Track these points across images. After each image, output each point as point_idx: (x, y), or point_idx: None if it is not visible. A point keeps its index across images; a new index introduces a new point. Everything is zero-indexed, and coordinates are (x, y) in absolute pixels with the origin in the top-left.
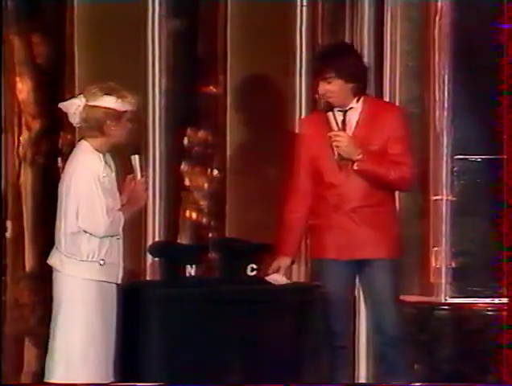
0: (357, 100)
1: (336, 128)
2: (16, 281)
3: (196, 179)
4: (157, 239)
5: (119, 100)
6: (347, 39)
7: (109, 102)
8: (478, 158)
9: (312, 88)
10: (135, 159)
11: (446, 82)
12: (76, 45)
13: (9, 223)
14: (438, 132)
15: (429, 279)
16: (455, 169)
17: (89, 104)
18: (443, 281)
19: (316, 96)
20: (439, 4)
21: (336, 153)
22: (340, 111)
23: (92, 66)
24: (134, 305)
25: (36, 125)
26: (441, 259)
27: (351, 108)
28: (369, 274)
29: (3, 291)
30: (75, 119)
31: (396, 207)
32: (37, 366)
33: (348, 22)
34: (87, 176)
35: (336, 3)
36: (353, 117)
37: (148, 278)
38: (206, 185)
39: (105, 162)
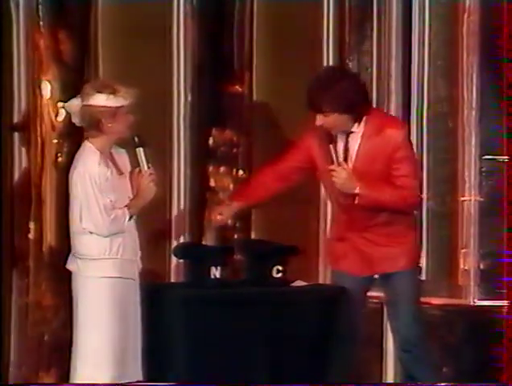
0: (359, 123)
1: (335, 161)
2: (39, 283)
3: (221, 180)
4: (181, 240)
5: (111, 97)
6: (374, 37)
7: (101, 100)
8: (506, 158)
9: None
10: (140, 152)
11: (474, 81)
12: (101, 43)
13: (32, 225)
14: (466, 132)
15: (457, 281)
16: (483, 169)
17: (84, 103)
18: (472, 283)
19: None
20: (467, 2)
21: None
22: (342, 134)
23: (116, 64)
24: (158, 307)
25: (60, 125)
26: (469, 261)
27: (352, 132)
28: (388, 285)
29: (25, 293)
30: (76, 119)
31: (412, 217)
32: (59, 369)
33: (375, 20)
34: (84, 176)
35: (364, 0)
36: (355, 140)
37: (172, 280)
38: (231, 185)
39: (104, 161)
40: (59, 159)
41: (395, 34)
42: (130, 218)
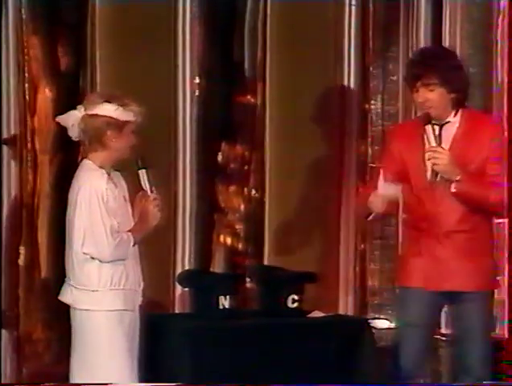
0: (455, 114)
1: (433, 143)
2: (29, 314)
3: (231, 200)
4: (187, 267)
5: (120, 109)
6: (401, 42)
7: (109, 110)
8: None
9: (364, 96)
10: (143, 174)
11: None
12: (98, 50)
13: (22, 249)
14: None
15: None
16: None
17: (88, 113)
18: None
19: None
20: (501, 3)
21: (429, 170)
22: (435, 124)
23: (115, 74)
24: (161, 340)
25: (51, 138)
26: None
27: (448, 122)
28: (458, 308)
29: (15, 325)
30: (74, 132)
31: (493, 233)
32: None
33: (402, 23)
34: (91, 196)
35: (390, 2)
36: (450, 132)
37: (177, 311)
38: (242, 206)
39: (110, 179)
40: (54, 178)
41: (423, 39)
42: (134, 244)
